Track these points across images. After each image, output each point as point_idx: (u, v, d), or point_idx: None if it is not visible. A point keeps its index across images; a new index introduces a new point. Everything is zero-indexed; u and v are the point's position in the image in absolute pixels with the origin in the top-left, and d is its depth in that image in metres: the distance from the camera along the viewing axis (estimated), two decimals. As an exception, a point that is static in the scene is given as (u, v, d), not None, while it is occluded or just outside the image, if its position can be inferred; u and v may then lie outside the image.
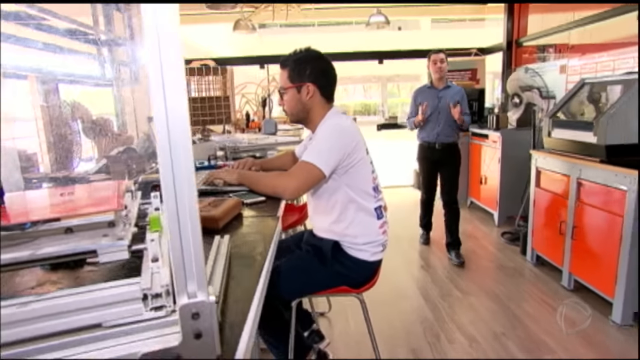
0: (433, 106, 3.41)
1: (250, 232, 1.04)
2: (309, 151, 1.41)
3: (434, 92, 3.45)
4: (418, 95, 3.54)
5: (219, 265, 0.73)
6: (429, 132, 3.47)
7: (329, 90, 1.54)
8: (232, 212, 1.11)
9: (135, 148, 1.54)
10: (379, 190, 1.58)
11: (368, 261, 1.54)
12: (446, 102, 3.36)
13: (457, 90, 3.44)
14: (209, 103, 3.75)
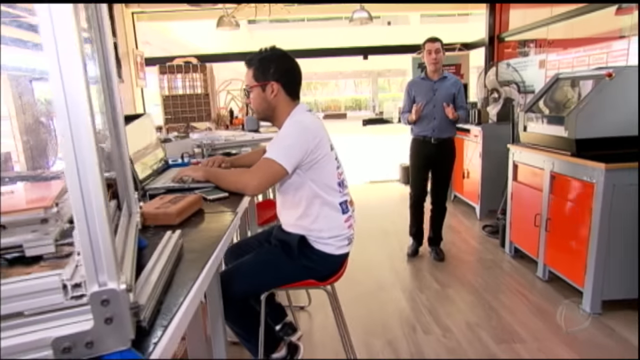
0: (428, 99, 3.19)
1: (206, 228, 1.08)
2: (271, 148, 1.45)
3: (429, 84, 3.22)
4: (412, 88, 3.31)
5: (162, 259, 0.77)
6: (425, 126, 3.24)
7: (293, 88, 1.58)
8: (191, 208, 1.15)
9: (102, 146, 1.57)
10: (344, 185, 1.63)
11: (334, 254, 1.58)
12: (443, 95, 3.17)
13: (454, 82, 3.21)
14: (196, 100, 3.77)
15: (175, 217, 1.07)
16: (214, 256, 0.88)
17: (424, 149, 3.28)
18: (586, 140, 2.54)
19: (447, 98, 3.17)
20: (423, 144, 3.28)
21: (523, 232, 3.21)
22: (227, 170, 1.52)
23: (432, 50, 3.14)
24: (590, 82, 2.83)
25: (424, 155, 3.31)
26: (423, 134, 3.27)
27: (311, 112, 1.61)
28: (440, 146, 3.25)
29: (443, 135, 3.23)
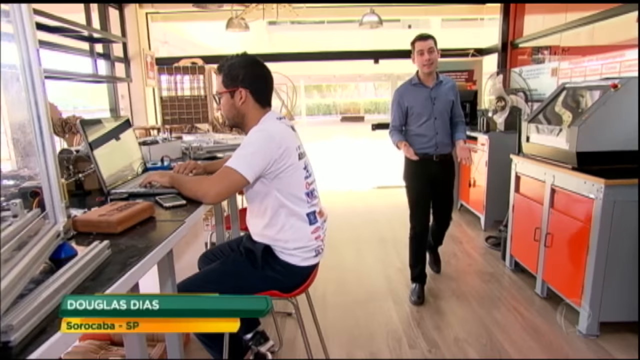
0: (427, 111, 2.69)
1: (150, 237, 1.06)
2: (233, 157, 1.43)
3: (424, 92, 2.69)
4: (403, 97, 2.71)
5: (70, 270, 0.76)
6: (425, 142, 2.73)
7: (263, 95, 1.55)
8: (138, 216, 1.14)
9: (72, 149, 1.58)
10: (313, 195, 1.59)
11: (299, 266, 1.55)
12: (442, 104, 2.70)
13: (452, 85, 2.77)
14: (201, 101, 3.80)
15: (117, 226, 1.05)
16: (135, 269, 0.86)
17: (425, 168, 2.74)
18: (587, 153, 2.43)
19: (447, 107, 2.74)
20: (423, 163, 2.72)
21: (523, 246, 3.10)
22: (189, 177, 1.51)
23: (425, 49, 2.59)
24: (597, 93, 2.71)
25: (425, 176, 2.76)
26: (424, 151, 2.73)
27: (282, 119, 1.58)
28: (443, 163, 2.79)
29: (446, 150, 2.78)
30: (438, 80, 2.71)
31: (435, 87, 2.71)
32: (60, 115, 2.44)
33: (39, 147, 0.84)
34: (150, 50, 5.20)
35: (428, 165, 2.74)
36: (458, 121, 2.82)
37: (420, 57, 2.62)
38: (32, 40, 0.81)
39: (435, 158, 2.75)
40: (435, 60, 2.63)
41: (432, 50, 2.61)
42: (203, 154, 2.34)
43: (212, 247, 1.89)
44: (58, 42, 3.90)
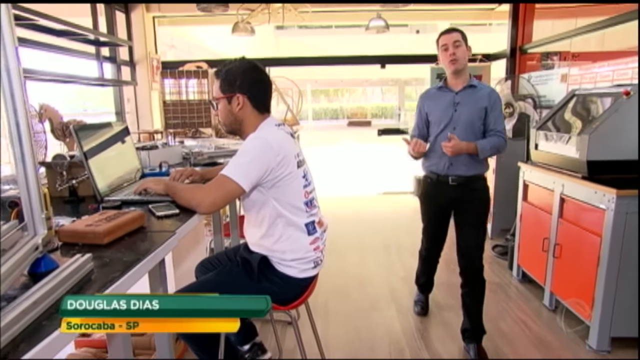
0: (446, 118, 2.21)
1: (138, 249, 1.02)
2: (229, 164, 1.38)
3: (448, 97, 2.24)
4: (424, 103, 2.33)
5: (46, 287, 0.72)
6: (437, 159, 2.24)
7: (261, 101, 1.51)
8: (127, 226, 1.10)
9: (66, 155, 1.55)
10: (312, 205, 1.54)
11: (296, 278, 1.50)
12: (467, 112, 2.18)
13: (488, 93, 2.21)
14: (204, 106, 3.78)
15: (104, 237, 1.01)
16: (115, 285, 0.82)
17: (438, 191, 2.30)
18: (598, 162, 2.36)
19: (474, 116, 2.18)
20: (436, 185, 2.29)
21: (531, 256, 3.02)
22: (184, 185, 1.47)
23: (449, 43, 2.14)
24: (609, 100, 2.64)
25: (437, 200, 2.34)
26: (436, 171, 2.27)
27: (281, 126, 1.53)
28: (464, 189, 2.22)
29: (468, 172, 2.20)
30: (469, 84, 2.20)
31: (463, 91, 2.20)
32: (61, 119, 2.42)
33: (18, 156, 0.80)
34: (156, 54, 5.20)
35: (442, 188, 2.26)
36: (492, 134, 2.20)
37: (445, 52, 2.18)
38: (9, 38, 0.76)
39: (451, 181, 2.21)
40: (463, 56, 2.16)
41: (458, 45, 2.14)
42: (204, 160, 2.30)
43: (210, 256, 1.85)
44: (65, 46, 3.91)
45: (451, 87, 2.25)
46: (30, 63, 3.67)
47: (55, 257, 0.96)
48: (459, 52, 2.15)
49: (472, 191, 2.24)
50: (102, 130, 1.63)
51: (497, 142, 2.19)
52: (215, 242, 2.23)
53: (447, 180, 2.24)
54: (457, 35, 2.18)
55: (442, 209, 2.37)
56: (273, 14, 4.40)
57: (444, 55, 2.20)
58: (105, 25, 4.56)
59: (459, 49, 2.16)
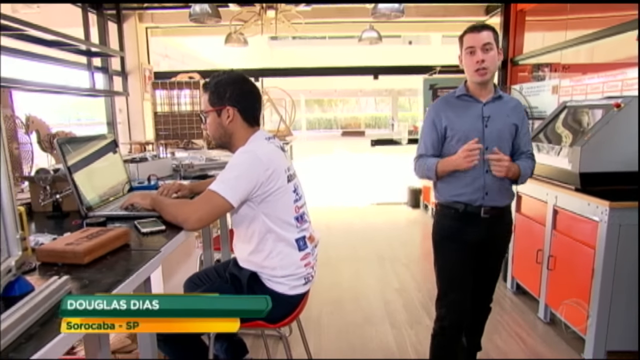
0: (474, 132, 1.74)
1: (120, 269, 0.98)
2: (217, 179, 1.35)
3: (474, 108, 1.78)
4: (441, 113, 1.81)
5: (17, 314, 0.68)
6: (468, 185, 1.75)
7: (251, 113, 1.48)
8: (109, 244, 1.06)
9: (49, 169, 1.51)
10: (303, 219, 1.51)
11: (286, 295, 1.46)
12: (499, 128, 1.77)
13: (515, 105, 1.85)
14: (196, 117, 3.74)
15: (84, 256, 0.97)
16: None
17: (467, 228, 1.78)
18: (591, 174, 2.35)
19: (506, 133, 1.78)
20: (465, 219, 1.77)
21: (525, 267, 3.00)
22: (170, 201, 1.43)
23: (478, 46, 1.67)
24: (600, 112, 2.65)
25: (466, 241, 1.79)
26: (464, 200, 1.76)
27: (271, 139, 1.51)
28: (495, 222, 1.79)
29: (502, 201, 1.80)
30: (496, 94, 1.78)
31: (491, 102, 1.77)
32: (49, 130, 2.38)
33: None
34: (149, 65, 5.18)
35: (471, 223, 1.76)
36: (522, 157, 1.84)
37: (470, 57, 1.69)
38: None
39: (483, 213, 1.74)
40: (493, 64, 1.70)
41: (489, 48, 1.67)
42: (194, 172, 2.27)
43: (199, 271, 1.81)
44: (56, 56, 3.87)
45: (477, 97, 1.78)
46: (20, 73, 3.64)
47: (32, 279, 0.92)
48: (489, 58, 1.67)
49: (502, 226, 1.84)
50: (89, 143, 1.60)
51: (533, 166, 1.86)
52: (205, 257, 2.18)
53: (478, 212, 1.73)
54: (489, 35, 1.68)
55: (470, 252, 1.79)
56: (266, 25, 4.39)
57: (469, 60, 1.71)
58: (97, 36, 4.53)
59: (489, 55, 1.67)
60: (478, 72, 1.69)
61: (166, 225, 1.31)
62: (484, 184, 1.74)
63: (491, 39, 1.69)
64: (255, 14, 4.28)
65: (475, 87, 1.78)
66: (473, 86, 1.78)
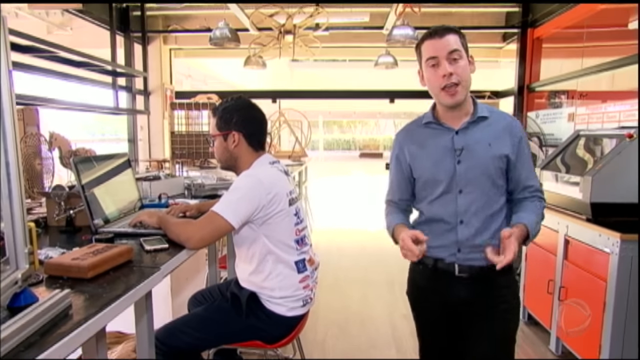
0: (443, 171, 1.37)
1: (115, 285, 1.02)
2: (219, 201, 1.41)
3: (442, 139, 1.39)
4: (405, 148, 1.44)
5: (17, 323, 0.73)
6: (438, 236, 1.39)
7: (256, 138, 1.55)
8: (112, 261, 1.11)
9: (65, 186, 1.59)
10: (304, 242, 1.54)
11: (284, 316, 1.49)
12: (478, 164, 1.35)
13: (505, 126, 1.38)
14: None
15: (88, 271, 1.03)
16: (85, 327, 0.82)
17: (443, 287, 1.42)
18: (602, 204, 2.32)
19: (490, 168, 1.35)
20: (436, 277, 1.42)
21: (536, 297, 2.94)
22: (175, 220, 1.49)
23: (441, 56, 1.29)
24: (613, 141, 2.62)
25: (443, 301, 1.43)
26: (435, 255, 1.40)
27: (275, 164, 1.56)
28: (480, 286, 1.38)
29: (484, 259, 1.30)
30: (475, 116, 1.36)
31: (467, 128, 1.35)
32: (70, 147, 2.50)
33: (5, 192, 0.83)
34: (171, 85, 5.37)
35: (446, 282, 1.39)
36: (526, 196, 1.40)
37: (434, 71, 1.31)
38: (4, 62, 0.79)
39: (458, 271, 1.37)
40: (465, 76, 1.30)
41: (456, 57, 1.28)
42: (205, 191, 2.33)
43: (203, 289, 1.85)
44: (83, 75, 4.07)
45: (445, 123, 1.37)
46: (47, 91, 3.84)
47: (38, 291, 0.98)
48: (458, 70, 1.27)
49: (494, 290, 1.38)
50: (104, 162, 1.68)
51: (542, 211, 1.43)
52: (210, 275, 2.22)
53: (452, 270, 1.37)
54: (455, 40, 1.29)
55: (446, 313, 1.44)
56: (284, 49, 4.52)
57: (432, 75, 1.31)
58: (123, 56, 4.74)
59: (458, 65, 1.28)
60: (446, 90, 1.29)
61: (170, 243, 1.37)
62: (456, 238, 1.35)
63: (458, 45, 1.29)
64: (273, 38, 4.42)
65: (445, 111, 1.37)
66: (442, 110, 1.38)
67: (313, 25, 4.45)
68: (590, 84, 4.03)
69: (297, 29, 4.30)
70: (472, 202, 1.35)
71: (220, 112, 1.52)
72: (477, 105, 1.39)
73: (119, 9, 4.49)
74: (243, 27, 4.41)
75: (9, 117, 0.83)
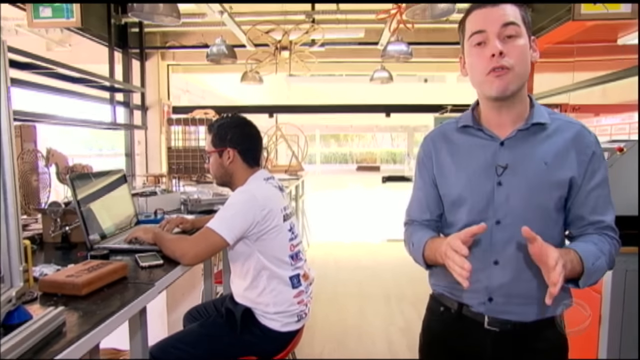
0: (479, 193, 1.04)
1: (109, 302, 1.03)
2: (215, 217, 1.42)
3: (484, 149, 1.05)
4: (433, 152, 1.13)
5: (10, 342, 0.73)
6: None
7: (250, 155, 1.57)
8: (107, 277, 1.12)
9: (61, 202, 1.60)
10: (298, 258, 1.56)
11: (278, 331, 1.49)
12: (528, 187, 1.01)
13: (571, 138, 1.02)
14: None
15: (82, 288, 1.03)
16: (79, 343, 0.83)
17: (465, 338, 1.11)
18: (595, 217, 2.34)
19: (543, 196, 1.02)
20: (460, 324, 1.11)
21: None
22: (170, 236, 1.50)
23: (492, 31, 0.96)
24: (605, 155, 2.66)
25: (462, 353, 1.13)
26: (459, 297, 1.11)
27: (269, 180, 1.58)
28: (516, 344, 1.07)
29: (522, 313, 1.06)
30: (530, 120, 1.03)
31: (517, 138, 1.04)
32: (67, 163, 2.51)
33: (2, 211, 0.84)
34: (168, 100, 5.41)
35: (470, 332, 1.10)
36: (590, 232, 1.07)
37: (480, 51, 0.99)
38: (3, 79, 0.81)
39: (487, 323, 1.07)
40: (522, 61, 0.98)
41: (513, 34, 0.97)
42: (201, 207, 2.34)
43: (199, 305, 1.85)
44: (80, 91, 4.10)
45: (489, 128, 1.06)
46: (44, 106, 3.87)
47: (32, 308, 0.99)
48: (514, 51, 0.96)
49: (534, 354, 1.09)
50: (100, 178, 1.70)
51: (611, 249, 1.06)
52: (205, 290, 2.22)
53: (480, 321, 1.08)
54: (513, 11, 0.98)
55: None
56: (280, 64, 4.58)
57: (476, 55, 1.00)
58: (121, 72, 4.79)
59: (515, 45, 0.97)
60: (493, 74, 0.96)
61: (165, 259, 1.37)
62: (487, 283, 1.04)
63: (517, 18, 0.97)
64: (270, 54, 4.48)
65: (491, 110, 1.04)
66: (487, 107, 1.05)
67: (309, 41, 4.52)
68: (582, 97, 4.09)
69: (293, 45, 4.37)
70: (513, 237, 1.00)
71: (216, 129, 1.55)
72: (534, 108, 1.04)
73: (117, 25, 4.55)
74: (240, 43, 4.48)
75: (6, 139, 0.85)
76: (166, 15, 2.47)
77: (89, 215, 1.53)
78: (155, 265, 1.31)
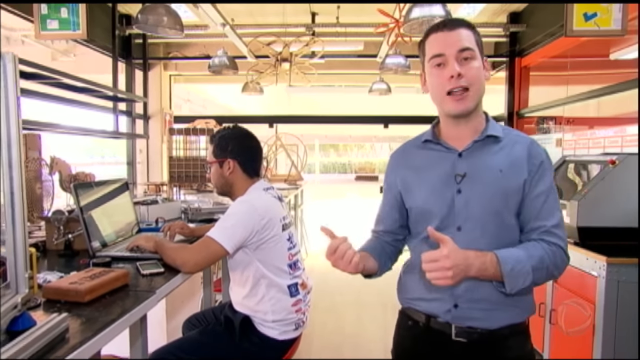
0: (440, 202, 1.10)
1: (111, 309, 1.06)
2: (215, 226, 1.46)
3: (443, 162, 1.12)
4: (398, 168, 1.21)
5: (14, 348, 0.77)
6: (428, 289, 1.10)
7: (250, 166, 1.61)
8: (109, 285, 1.15)
9: (64, 210, 1.64)
10: (297, 266, 1.59)
11: (277, 339, 1.52)
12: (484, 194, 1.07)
13: (525, 148, 1.09)
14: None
15: (85, 295, 1.07)
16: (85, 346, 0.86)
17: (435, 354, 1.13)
18: (589, 228, 2.38)
19: (498, 201, 1.07)
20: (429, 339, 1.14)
21: (530, 321, 2.96)
22: (171, 245, 1.53)
23: (450, 54, 1.05)
24: (598, 167, 2.70)
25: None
26: (423, 308, 1.15)
27: (269, 190, 1.62)
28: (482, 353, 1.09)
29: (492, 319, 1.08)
30: (485, 133, 1.09)
31: (473, 149, 1.10)
32: (70, 171, 2.55)
33: (9, 219, 0.87)
34: (170, 109, 5.47)
35: (439, 347, 1.12)
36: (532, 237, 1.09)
37: (439, 72, 1.07)
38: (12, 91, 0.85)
39: (455, 334, 1.08)
40: (477, 81, 1.05)
41: (468, 57, 1.05)
42: (201, 216, 2.38)
43: (198, 312, 1.88)
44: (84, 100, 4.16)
45: (448, 142, 1.12)
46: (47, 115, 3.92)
47: (36, 314, 1.02)
48: (469, 72, 1.04)
49: None
50: (102, 186, 1.74)
51: (549, 255, 1.07)
52: (204, 298, 2.25)
53: (448, 332, 1.09)
54: (468, 35, 1.06)
55: None
56: (281, 75, 4.65)
57: (436, 76, 1.07)
58: (124, 82, 4.86)
59: (470, 67, 1.04)
60: (452, 95, 1.04)
61: (165, 267, 1.41)
62: (452, 289, 1.06)
63: (472, 42, 1.05)
64: (270, 66, 4.55)
65: (450, 126, 1.12)
66: (446, 123, 1.13)
67: (309, 53, 4.60)
68: (576, 110, 4.15)
69: (293, 57, 4.44)
70: (472, 243, 1.03)
71: (217, 140, 1.59)
72: (489, 123, 1.10)
73: (121, 37, 4.63)
74: (241, 54, 4.55)
75: (15, 150, 0.89)
76: (170, 28, 2.53)
77: (91, 222, 1.56)
78: (156, 273, 1.35)
